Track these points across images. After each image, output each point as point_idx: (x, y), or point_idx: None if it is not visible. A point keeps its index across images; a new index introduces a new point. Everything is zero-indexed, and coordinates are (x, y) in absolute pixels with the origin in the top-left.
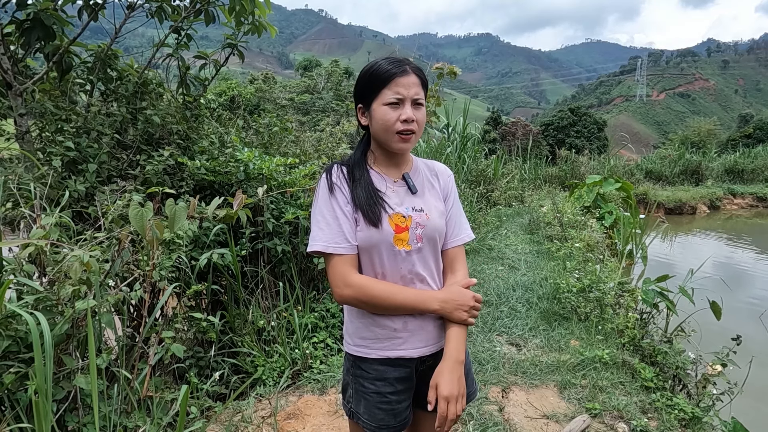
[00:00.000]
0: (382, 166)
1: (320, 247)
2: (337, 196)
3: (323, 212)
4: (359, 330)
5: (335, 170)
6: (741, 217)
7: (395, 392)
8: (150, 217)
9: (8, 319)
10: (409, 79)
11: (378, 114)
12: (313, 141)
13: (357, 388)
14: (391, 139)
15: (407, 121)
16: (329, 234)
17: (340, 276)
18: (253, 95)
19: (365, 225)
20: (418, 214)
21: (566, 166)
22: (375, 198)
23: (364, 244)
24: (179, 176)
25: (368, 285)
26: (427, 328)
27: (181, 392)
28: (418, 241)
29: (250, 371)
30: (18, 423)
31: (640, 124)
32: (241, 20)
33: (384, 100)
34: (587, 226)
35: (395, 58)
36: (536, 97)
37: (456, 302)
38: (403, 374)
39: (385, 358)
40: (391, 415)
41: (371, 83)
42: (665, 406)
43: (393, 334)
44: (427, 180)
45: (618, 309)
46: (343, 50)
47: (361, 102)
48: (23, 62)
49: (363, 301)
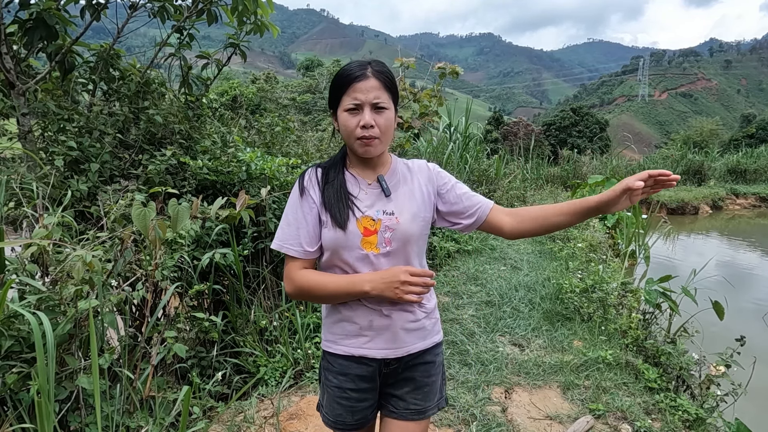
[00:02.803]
0: (357, 168)
1: (276, 246)
2: (304, 199)
3: (287, 213)
4: (330, 326)
5: (308, 173)
6: (744, 217)
7: (356, 390)
8: (153, 216)
9: (11, 319)
10: (367, 84)
11: (341, 120)
12: (315, 141)
13: (323, 380)
14: (354, 144)
15: (365, 127)
16: (287, 234)
17: (286, 273)
18: (255, 95)
19: (332, 226)
20: (387, 217)
21: (568, 166)
22: (344, 200)
23: (331, 245)
24: (181, 176)
25: (304, 277)
26: (393, 330)
27: (183, 392)
28: (386, 245)
29: (252, 371)
30: (20, 423)
31: (642, 124)
32: (244, 20)
33: (344, 106)
34: (589, 226)
35: (360, 62)
36: (538, 97)
37: (384, 279)
38: (365, 373)
39: (348, 354)
40: (350, 411)
41: (334, 90)
42: (669, 407)
43: (359, 332)
44: (405, 182)
45: (621, 309)
46: (344, 50)
47: (331, 108)
48: (26, 62)
49: (302, 293)
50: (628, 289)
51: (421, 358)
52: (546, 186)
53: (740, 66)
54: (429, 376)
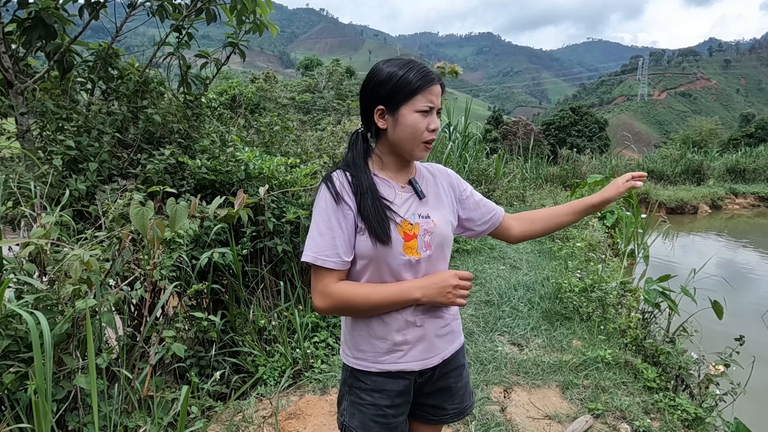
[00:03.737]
0: (391, 172)
1: (309, 259)
2: (339, 206)
3: (318, 222)
4: (358, 342)
5: (338, 178)
6: (743, 216)
7: (392, 406)
8: (151, 216)
9: (8, 319)
10: (438, 89)
11: (408, 120)
12: (314, 140)
13: (353, 399)
14: (417, 147)
15: (434, 131)
16: (321, 245)
17: (321, 288)
18: (254, 94)
19: (371, 235)
20: (424, 221)
21: (568, 165)
22: (383, 210)
23: (370, 254)
24: (180, 175)
25: (345, 291)
26: (428, 338)
27: (182, 392)
28: (427, 249)
29: (251, 371)
30: (18, 423)
31: (642, 123)
32: (243, 19)
33: (416, 106)
34: (589, 226)
35: (424, 66)
36: (537, 97)
37: (436, 285)
38: (402, 387)
39: (385, 371)
40: (387, 429)
41: (403, 87)
42: (668, 406)
43: (393, 348)
44: (432, 185)
45: (620, 309)
46: (344, 49)
47: (384, 105)
48: (24, 61)
49: (340, 307)
50: (628, 289)
51: (453, 363)
52: (545, 185)
53: (739, 66)
54: (461, 380)
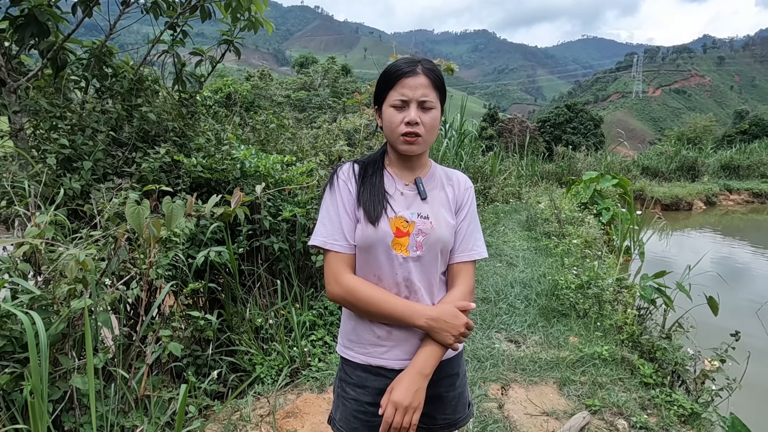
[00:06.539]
0: (396, 168)
1: (318, 242)
2: (342, 193)
3: (328, 208)
4: (348, 332)
5: (345, 168)
6: (737, 212)
7: (374, 404)
8: (147, 215)
9: (3, 319)
10: (416, 80)
11: (385, 115)
12: (310, 138)
13: (339, 392)
14: (396, 140)
15: (410, 124)
16: (330, 230)
17: (333, 274)
18: (250, 92)
19: (365, 222)
20: (422, 220)
21: (563, 162)
22: (379, 197)
23: (362, 243)
24: (175, 174)
25: (358, 288)
26: (412, 341)
27: (180, 391)
28: (417, 249)
29: (248, 369)
30: (14, 424)
31: (637, 120)
32: (237, 16)
33: (390, 101)
34: (585, 223)
35: (410, 58)
36: (533, 94)
37: (446, 323)
38: (384, 385)
39: (366, 364)
40: (367, 426)
41: (381, 84)
42: (665, 402)
43: (377, 341)
44: (441, 188)
45: (616, 305)
46: (339, 47)
47: (377, 103)
48: (17, 59)
49: (351, 302)
50: (624, 285)
51: (444, 371)
52: (541, 182)
53: (733, 62)
54: (455, 389)
